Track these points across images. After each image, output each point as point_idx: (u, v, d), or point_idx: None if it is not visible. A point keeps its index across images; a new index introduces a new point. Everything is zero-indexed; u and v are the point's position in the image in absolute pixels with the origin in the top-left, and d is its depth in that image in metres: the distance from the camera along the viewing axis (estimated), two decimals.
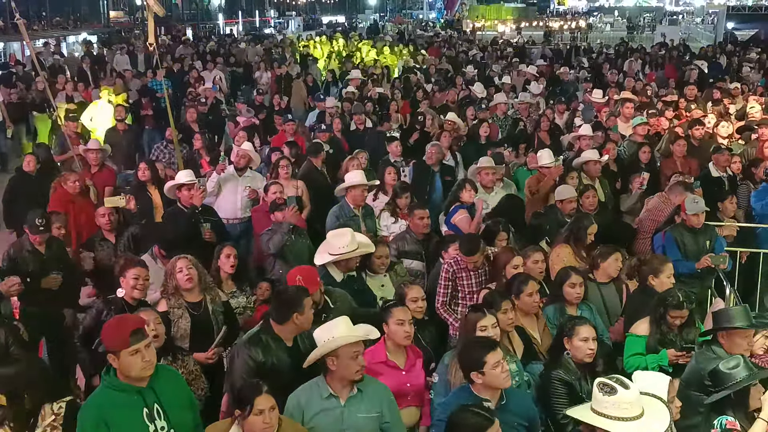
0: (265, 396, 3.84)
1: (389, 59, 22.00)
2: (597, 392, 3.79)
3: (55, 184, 8.49)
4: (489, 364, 4.19)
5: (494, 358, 4.19)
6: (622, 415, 3.71)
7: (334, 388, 4.29)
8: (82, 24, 36.98)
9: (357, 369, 4.28)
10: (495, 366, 4.19)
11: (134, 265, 5.62)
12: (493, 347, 4.28)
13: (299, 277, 5.38)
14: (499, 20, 47.31)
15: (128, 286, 5.53)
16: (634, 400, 3.76)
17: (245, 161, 8.57)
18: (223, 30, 43.50)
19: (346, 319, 4.47)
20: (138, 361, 3.88)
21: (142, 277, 5.57)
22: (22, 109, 15.02)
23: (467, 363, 4.32)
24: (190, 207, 7.46)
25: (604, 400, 3.75)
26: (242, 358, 4.71)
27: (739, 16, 39.25)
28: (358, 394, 4.32)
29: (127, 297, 5.53)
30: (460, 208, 7.51)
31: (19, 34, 10.69)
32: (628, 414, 3.72)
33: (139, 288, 5.55)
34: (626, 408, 3.73)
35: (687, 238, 7.03)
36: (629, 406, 3.73)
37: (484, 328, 4.73)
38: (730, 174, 8.99)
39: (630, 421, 3.70)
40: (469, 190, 7.72)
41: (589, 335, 4.80)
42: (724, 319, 4.90)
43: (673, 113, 12.18)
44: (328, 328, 4.36)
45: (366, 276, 6.31)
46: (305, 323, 4.78)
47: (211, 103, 13.72)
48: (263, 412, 3.80)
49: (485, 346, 4.31)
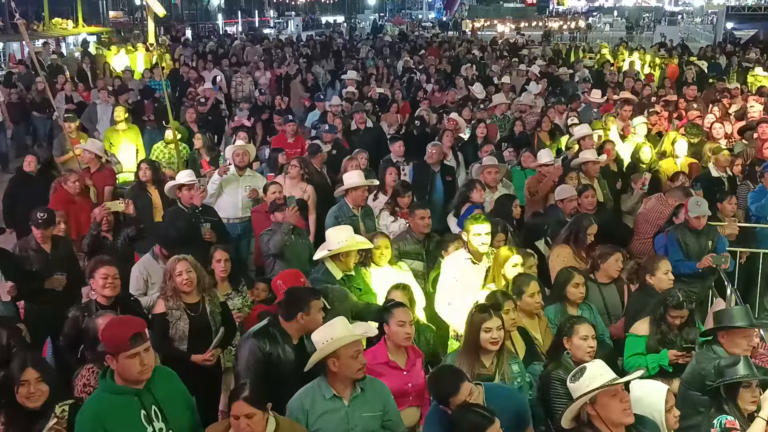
0: (240, 403, 3.80)
1: None
2: (571, 385, 3.97)
3: (55, 184, 8.48)
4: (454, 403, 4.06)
5: (458, 399, 4.03)
6: (603, 382, 3.85)
7: (336, 389, 4.29)
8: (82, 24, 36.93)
9: (359, 368, 4.28)
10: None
11: (102, 264, 5.55)
12: (456, 389, 4.05)
13: (280, 282, 5.41)
14: (498, 20, 47.25)
15: (98, 286, 5.49)
16: (604, 369, 3.92)
17: (246, 158, 8.56)
18: (223, 30, 43.47)
19: (342, 320, 4.47)
20: (136, 364, 3.86)
21: (111, 276, 5.50)
22: (23, 109, 15.02)
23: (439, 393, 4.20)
24: (190, 207, 7.46)
25: (580, 383, 3.90)
26: (250, 348, 4.73)
27: (738, 16, 39.19)
28: (361, 393, 4.33)
29: (99, 298, 5.50)
30: (474, 208, 7.49)
31: (19, 34, 10.67)
32: (608, 377, 3.88)
33: (109, 286, 5.50)
34: (602, 374, 3.89)
35: (689, 239, 7.03)
36: (603, 372, 3.90)
37: (488, 329, 4.70)
38: (730, 174, 9.00)
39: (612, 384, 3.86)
40: (479, 190, 7.72)
41: (589, 333, 4.81)
42: (724, 318, 4.91)
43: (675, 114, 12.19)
44: (326, 330, 4.35)
45: (370, 269, 6.28)
46: (311, 324, 4.75)
47: (211, 103, 13.71)
48: (239, 417, 3.78)
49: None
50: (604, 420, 3.86)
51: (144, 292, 6.38)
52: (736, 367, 4.39)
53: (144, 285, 6.42)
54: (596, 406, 3.87)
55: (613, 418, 3.85)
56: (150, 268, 6.46)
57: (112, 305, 5.46)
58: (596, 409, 3.87)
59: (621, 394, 3.90)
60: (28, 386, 4.02)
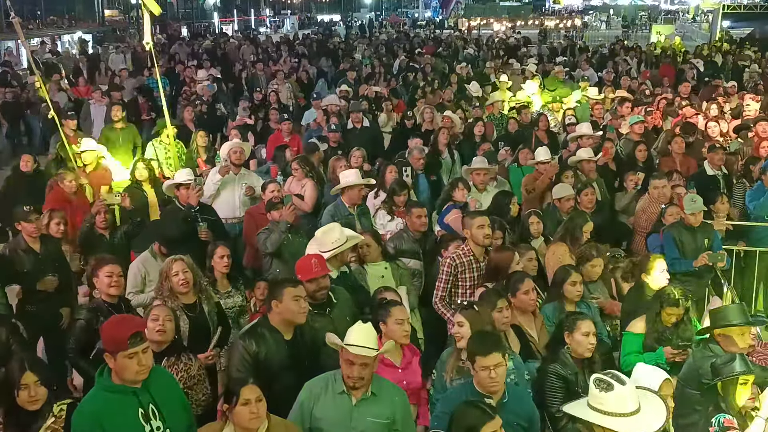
0: (251, 387, 3.86)
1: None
2: (593, 388, 3.78)
3: (51, 182, 8.46)
4: (478, 365, 4.24)
5: (484, 362, 4.23)
6: (619, 411, 3.69)
7: (347, 386, 4.28)
8: (77, 23, 36.90)
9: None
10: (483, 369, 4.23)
11: (106, 263, 5.56)
12: (488, 351, 4.24)
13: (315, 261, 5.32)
14: (494, 18, 47.24)
15: (103, 285, 5.48)
16: (630, 396, 3.74)
17: (242, 156, 8.51)
18: (219, 29, 43.41)
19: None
20: (134, 364, 3.85)
21: (116, 274, 5.51)
22: (17, 108, 14.99)
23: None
24: (187, 206, 7.45)
25: (601, 396, 3.74)
26: (237, 351, 4.74)
27: (734, 15, 39.21)
28: (372, 397, 4.28)
29: (104, 297, 5.50)
30: (453, 208, 7.50)
31: (14, 32, 10.64)
32: (625, 410, 3.70)
33: (114, 284, 5.50)
34: (623, 403, 3.71)
35: (685, 237, 7.03)
36: (626, 401, 3.71)
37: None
38: (725, 172, 9.01)
39: (627, 417, 3.68)
40: (461, 189, 7.72)
41: (590, 330, 4.84)
42: (720, 316, 4.92)
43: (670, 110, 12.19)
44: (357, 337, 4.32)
45: (365, 267, 6.29)
46: (285, 312, 4.74)
47: (207, 101, 13.69)
48: (249, 401, 3.81)
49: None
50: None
51: (141, 290, 6.38)
52: (732, 365, 4.40)
53: (141, 283, 6.42)
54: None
55: None
56: (148, 265, 6.46)
57: (117, 304, 5.46)
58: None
59: None
60: (28, 390, 4.00)
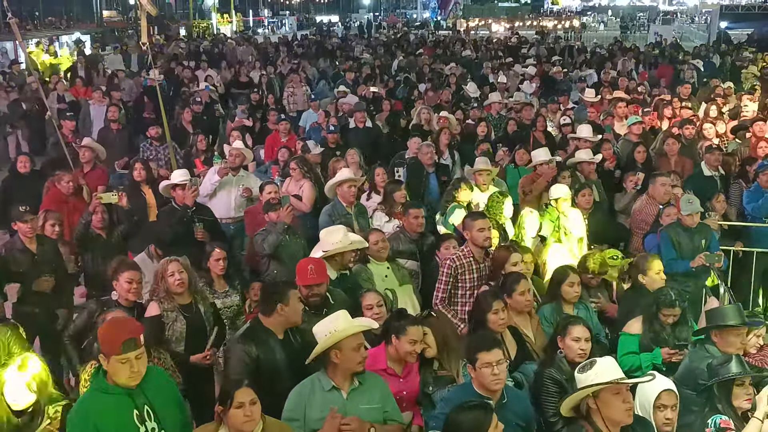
0: (245, 390, 3.86)
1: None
2: (578, 375, 3.95)
3: (48, 183, 8.44)
4: (481, 362, 4.18)
5: (487, 357, 4.18)
6: (610, 378, 3.84)
7: (336, 381, 4.32)
8: (75, 24, 36.85)
9: (360, 360, 4.31)
10: (486, 365, 4.17)
11: (128, 267, 5.60)
12: (491, 347, 4.23)
13: (311, 267, 5.31)
14: (493, 19, 47.21)
15: (122, 290, 5.52)
16: (613, 366, 3.90)
17: (240, 160, 8.56)
18: (217, 29, 43.36)
19: (345, 313, 4.49)
20: (126, 370, 3.84)
21: (136, 281, 5.55)
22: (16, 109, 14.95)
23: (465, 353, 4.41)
24: (182, 206, 7.45)
25: (586, 375, 3.90)
26: (237, 355, 4.71)
27: (732, 16, 39.31)
28: (359, 386, 4.35)
29: (121, 300, 5.53)
30: (457, 209, 7.50)
31: (12, 33, 10.64)
32: (616, 375, 3.86)
33: (134, 291, 5.55)
34: (613, 371, 3.88)
35: (682, 237, 7.03)
36: (612, 369, 3.88)
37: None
38: (722, 173, 9.02)
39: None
40: (465, 190, 7.73)
41: (582, 335, 4.79)
42: (717, 317, 4.92)
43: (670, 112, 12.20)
44: (328, 323, 4.37)
45: (368, 266, 6.30)
46: (292, 315, 4.78)
47: (205, 102, 13.68)
48: (243, 404, 3.81)
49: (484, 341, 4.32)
50: (603, 416, 3.87)
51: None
52: (728, 366, 4.41)
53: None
54: (598, 401, 3.89)
55: (612, 416, 3.87)
56: (145, 267, 6.45)
57: (130, 308, 5.48)
58: (597, 404, 3.89)
59: (625, 394, 3.90)
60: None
